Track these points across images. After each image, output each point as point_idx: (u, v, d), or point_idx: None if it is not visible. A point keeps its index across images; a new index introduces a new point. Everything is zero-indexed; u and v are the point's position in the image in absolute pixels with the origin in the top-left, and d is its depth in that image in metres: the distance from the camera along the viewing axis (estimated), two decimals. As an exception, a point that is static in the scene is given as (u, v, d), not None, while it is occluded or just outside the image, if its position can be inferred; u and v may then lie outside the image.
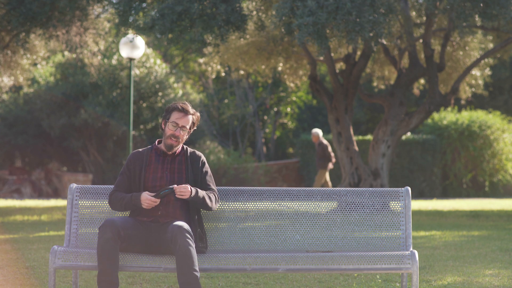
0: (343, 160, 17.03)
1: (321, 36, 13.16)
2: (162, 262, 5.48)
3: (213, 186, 5.85)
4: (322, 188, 5.91)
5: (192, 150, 5.92)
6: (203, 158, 5.91)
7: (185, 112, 5.80)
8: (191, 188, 5.59)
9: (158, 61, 27.82)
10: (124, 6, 14.29)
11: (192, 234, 5.47)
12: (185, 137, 5.82)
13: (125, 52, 17.88)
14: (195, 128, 5.97)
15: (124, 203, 5.66)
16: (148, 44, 30.51)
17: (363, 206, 6.00)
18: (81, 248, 5.74)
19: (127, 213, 5.86)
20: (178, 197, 5.57)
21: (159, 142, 5.92)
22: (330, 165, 19.27)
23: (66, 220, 5.92)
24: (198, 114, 5.94)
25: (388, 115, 16.96)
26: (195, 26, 14.07)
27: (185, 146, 5.92)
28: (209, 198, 5.72)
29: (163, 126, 5.84)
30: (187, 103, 5.85)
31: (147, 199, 5.56)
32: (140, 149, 5.92)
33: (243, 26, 14.22)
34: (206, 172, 5.86)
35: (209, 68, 21.25)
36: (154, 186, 5.72)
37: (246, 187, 6.02)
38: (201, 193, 5.67)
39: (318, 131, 19.37)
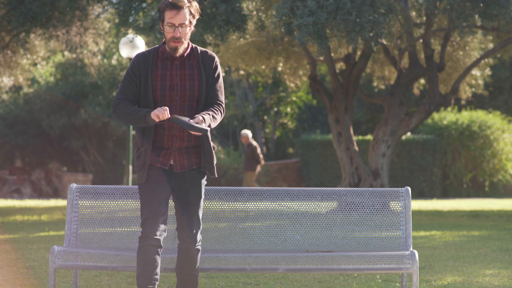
0: (343, 160, 17.03)
1: (321, 36, 13.16)
2: (162, 262, 5.48)
3: (221, 97, 5.25)
4: (322, 188, 5.91)
5: (203, 49, 5.26)
6: (216, 59, 5.27)
7: (178, 7, 5.05)
8: (203, 118, 5.00)
9: (158, 61, 27.79)
10: (124, 6, 14.29)
11: (200, 237, 5.19)
12: (189, 34, 5.15)
13: (125, 52, 17.88)
14: (199, 17, 5.22)
15: (135, 119, 5.06)
16: (148, 44, 30.50)
17: (363, 206, 6.00)
18: (81, 248, 5.74)
19: (150, 196, 5.15)
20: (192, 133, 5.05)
21: (165, 43, 5.20)
22: (258, 167, 18.81)
23: (66, 220, 5.92)
24: (196, 3, 5.18)
25: (388, 115, 16.96)
26: (195, 26, 14.06)
27: (194, 46, 5.27)
28: (214, 119, 5.13)
29: (161, 28, 5.15)
30: None
31: (158, 111, 4.96)
32: (145, 51, 5.23)
33: (243, 26, 14.22)
34: (218, 77, 5.25)
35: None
36: (163, 96, 5.11)
37: (246, 187, 6.01)
38: (208, 120, 5.06)
39: (247, 132, 18.89)
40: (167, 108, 4.95)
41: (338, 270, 5.52)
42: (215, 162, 5.27)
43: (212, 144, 5.26)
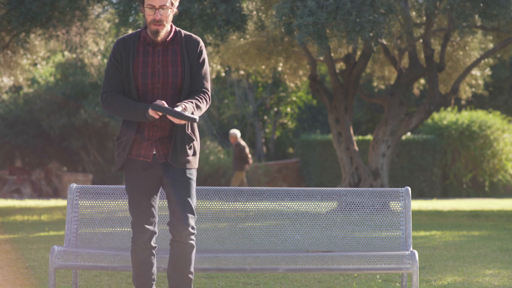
0: (343, 160, 17.03)
1: (321, 36, 13.17)
2: (162, 262, 5.48)
3: (207, 84, 4.96)
4: (322, 188, 5.90)
5: (188, 33, 4.97)
6: (201, 44, 4.96)
7: None
8: (185, 106, 4.73)
9: (158, 61, 27.79)
10: (124, 6, 14.29)
11: (194, 226, 4.86)
12: (171, 16, 4.85)
13: (125, 52, 17.84)
14: None
15: (133, 115, 4.83)
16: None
17: (363, 206, 6.00)
18: (81, 248, 5.74)
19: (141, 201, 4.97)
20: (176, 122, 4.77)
21: (146, 27, 4.92)
22: (247, 167, 18.68)
23: (66, 220, 5.92)
24: None
25: (388, 115, 16.97)
26: (195, 26, 14.07)
27: (178, 29, 4.96)
28: (198, 108, 4.85)
29: (142, 11, 4.86)
30: None
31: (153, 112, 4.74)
32: (125, 36, 4.94)
33: (243, 26, 14.22)
34: (203, 63, 4.94)
35: (209, 68, 21.25)
36: (145, 84, 4.83)
37: (246, 187, 6.01)
38: (191, 108, 4.78)
39: (236, 132, 18.72)
40: (164, 103, 4.72)
41: (338, 270, 5.52)
42: (192, 153, 4.93)
43: (190, 134, 4.92)
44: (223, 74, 29.38)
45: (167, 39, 4.90)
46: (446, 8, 14.06)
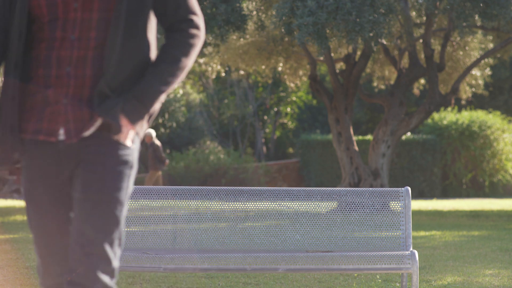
0: (343, 160, 17.04)
1: (321, 36, 13.17)
2: (162, 262, 5.48)
3: (191, 3, 2.75)
4: (322, 188, 5.90)
5: None
6: None
7: None
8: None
9: (158, 61, 27.78)
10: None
11: (113, 264, 2.66)
12: None
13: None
14: None
15: None
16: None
17: (363, 206, 6.00)
18: (81, 248, 5.73)
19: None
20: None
21: None
22: (162, 166, 18.54)
23: (66, 220, 5.91)
24: None
25: (388, 115, 16.97)
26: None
27: None
28: (170, 78, 2.69)
29: None
30: None
31: None
32: None
33: (243, 26, 14.23)
34: None
35: (209, 68, 21.25)
36: (51, 5, 2.69)
37: (246, 187, 6.01)
38: (151, 99, 2.67)
39: (151, 131, 18.38)
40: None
41: (338, 270, 5.52)
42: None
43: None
44: (223, 74, 29.40)
45: None
46: (446, 8, 14.06)
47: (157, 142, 18.42)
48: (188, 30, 2.71)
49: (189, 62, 2.70)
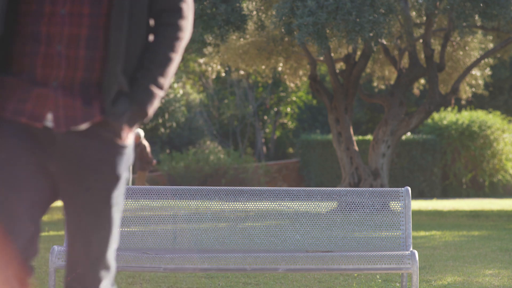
0: (343, 160, 17.04)
1: (321, 36, 13.17)
2: (162, 262, 5.48)
3: None
4: (322, 188, 5.90)
5: None
6: None
7: None
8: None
9: (158, 61, 27.77)
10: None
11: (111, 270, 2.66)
12: None
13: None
14: None
15: None
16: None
17: (363, 206, 6.00)
18: (81, 248, 5.73)
19: None
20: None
21: None
22: (149, 167, 18.42)
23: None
24: None
25: (388, 115, 16.97)
26: (195, 26, 14.08)
27: None
28: (164, 69, 2.51)
29: None
30: None
31: None
32: None
33: (243, 26, 14.23)
34: None
35: (209, 68, 21.26)
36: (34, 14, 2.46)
37: (246, 187, 6.01)
38: (151, 77, 2.50)
39: (139, 131, 18.14)
40: None
41: (338, 270, 5.52)
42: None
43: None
44: (223, 74, 29.40)
45: None
46: (446, 8, 14.06)
47: (145, 142, 18.39)
48: (178, 23, 2.53)
49: (179, 57, 2.57)
